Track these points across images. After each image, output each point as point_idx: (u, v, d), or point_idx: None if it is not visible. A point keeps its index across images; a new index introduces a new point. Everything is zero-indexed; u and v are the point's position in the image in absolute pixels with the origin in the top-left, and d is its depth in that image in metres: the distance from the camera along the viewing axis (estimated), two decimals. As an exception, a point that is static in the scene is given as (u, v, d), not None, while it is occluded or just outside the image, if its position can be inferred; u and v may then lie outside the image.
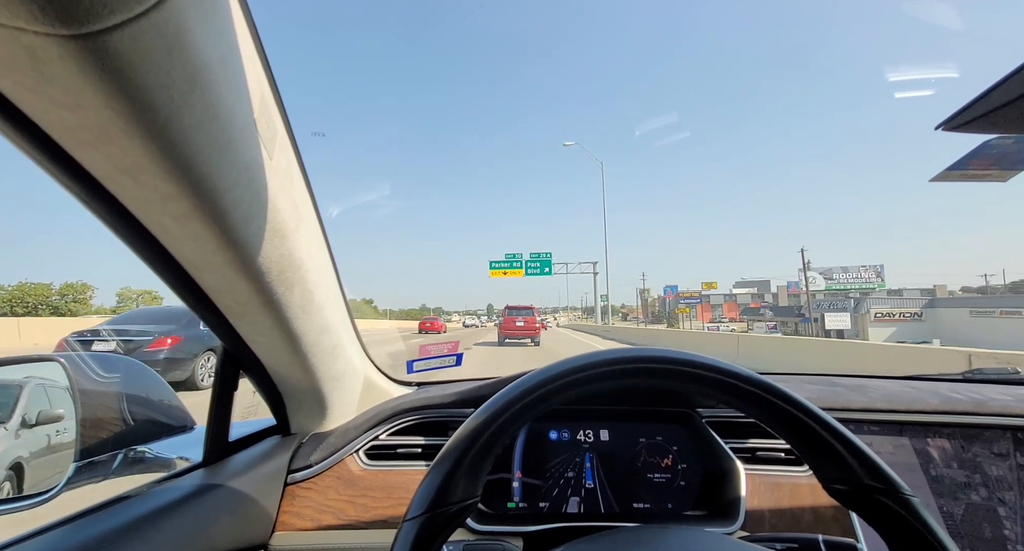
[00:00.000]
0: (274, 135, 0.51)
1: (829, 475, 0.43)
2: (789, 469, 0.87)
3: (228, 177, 0.43)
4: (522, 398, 0.43)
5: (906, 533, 0.39)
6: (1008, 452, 0.83)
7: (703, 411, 0.91)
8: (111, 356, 0.79)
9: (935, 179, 0.74)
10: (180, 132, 0.36)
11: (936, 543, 0.38)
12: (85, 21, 0.27)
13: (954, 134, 0.50)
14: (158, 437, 0.80)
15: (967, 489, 0.81)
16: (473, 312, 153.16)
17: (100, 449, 0.68)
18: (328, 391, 0.84)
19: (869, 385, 1.02)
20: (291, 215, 0.57)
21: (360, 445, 0.89)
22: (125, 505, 0.61)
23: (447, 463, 0.41)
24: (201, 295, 0.58)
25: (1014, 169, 0.70)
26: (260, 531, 0.75)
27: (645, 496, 0.86)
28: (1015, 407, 0.87)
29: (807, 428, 0.42)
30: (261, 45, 0.47)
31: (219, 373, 0.74)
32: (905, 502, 0.39)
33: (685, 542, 0.45)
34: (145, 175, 0.39)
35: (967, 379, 1.11)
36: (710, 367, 0.44)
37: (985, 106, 0.45)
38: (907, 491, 0.40)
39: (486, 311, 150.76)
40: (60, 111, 0.32)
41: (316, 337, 0.72)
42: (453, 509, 0.40)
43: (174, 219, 0.44)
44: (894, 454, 0.85)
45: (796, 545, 0.58)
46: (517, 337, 16.11)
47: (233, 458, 0.79)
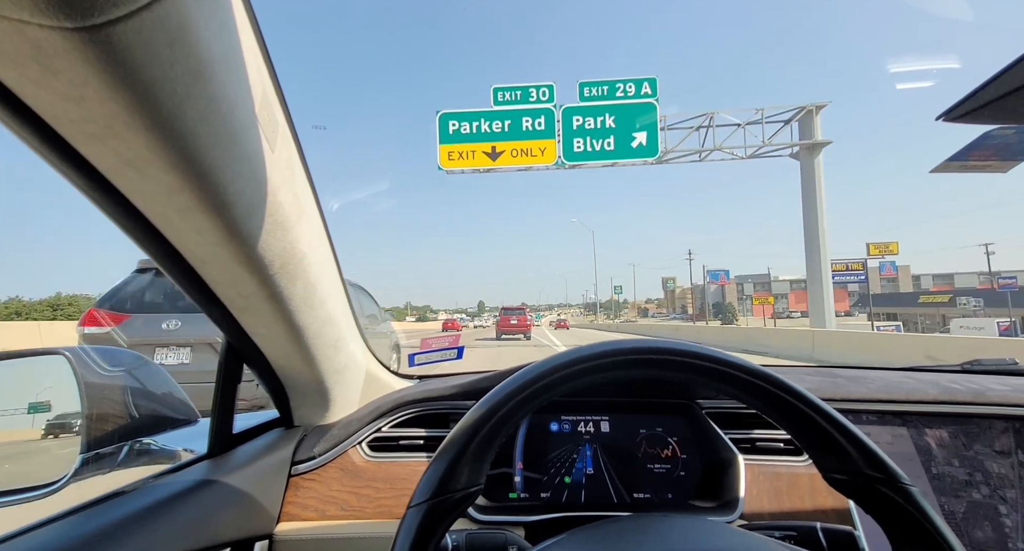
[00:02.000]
0: (276, 128, 0.51)
1: (829, 465, 0.43)
2: (788, 459, 0.88)
3: (231, 170, 0.43)
4: (524, 389, 0.43)
5: (905, 522, 0.39)
6: (1009, 450, 0.83)
7: (703, 402, 0.92)
8: (116, 350, 0.79)
9: (935, 170, 0.74)
10: (183, 125, 0.36)
11: (934, 531, 0.38)
12: (90, 14, 0.27)
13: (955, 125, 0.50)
14: (163, 429, 0.80)
15: (968, 487, 0.81)
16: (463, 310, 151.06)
17: (106, 441, 0.69)
18: (331, 384, 0.85)
19: (868, 376, 1.03)
20: (293, 208, 0.57)
21: (363, 437, 0.90)
22: (130, 497, 0.62)
23: (451, 452, 0.42)
24: (205, 288, 0.58)
25: (1014, 160, 0.70)
26: (264, 522, 0.76)
27: (646, 486, 0.87)
28: (1013, 397, 0.87)
29: (807, 418, 0.43)
30: (263, 39, 0.47)
31: (222, 366, 0.75)
32: (904, 491, 0.39)
33: (685, 530, 0.46)
34: (149, 168, 0.39)
35: (966, 370, 1.12)
36: (712, 358, 0.44)
37: (986, 97, 0.45)
38: (906, 480, 0.40)
39: (477, 309, 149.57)
40: (65, 104, 0.32)
41: (319, 330, 0.73)
42: (457, 496, 0.41)
43: (178, 212, 0.45)
44: (893, 444, 0.86)
45: (795, 533, 0.59)
46: (512, 333, 19.45)
47: (237, 450, 0.80)
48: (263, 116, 0.47)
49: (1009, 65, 0.41)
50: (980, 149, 0.67)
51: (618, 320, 31.04)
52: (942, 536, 0.38)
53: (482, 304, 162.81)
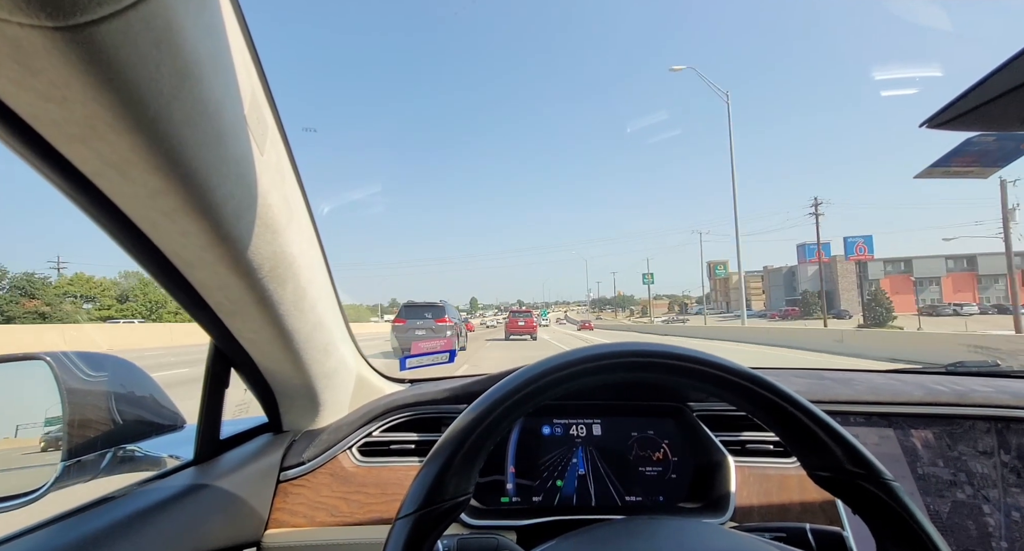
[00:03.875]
0: (265, 130, 0.51)
1: (813, 463, 0.44)
2: (778, 461, 0.88)
3: (218, 172, 0.43)
4: (514, 394, 0.43)
5: (888, 517, 0.40)
6: (992, 450, 0.85)
7: (694, 405, 0.93)
8: (98, 355, 0.77)
9: (919, 176, 0.76)
10: (169, 126, 0.36)
11: (916, 526, 0.39)
12: (72, 13, 0.26)
13: (937, 131, 0.51)
14: (148, 436, 0.79)
15: (953, 487, 0.83)
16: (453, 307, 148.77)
17: (88, 448, 0.67)
18: (321, 388, 0.84)
19: (855, 378, 1.04)
20: (282, 211, 0.57)
21: (353, 442, 0.89)
22: (115, 504, 0.61)
23: (439, 460, 0.41)
24: (191, 292, 0.57)
25: (995, 166, 0.71)
26: (252, 529, 0.75)
27: (637, 489, 0.87)
28: (996, 398, 0.89)
29: (793, 419, 0.43)
30: (251, 40, 0.47)
31: (209, 371, 0.74)
32: (885, 487, 0.40)
33: (677, 532, 0.46)
34: (133, 170, 0.38)
35: (950, 372, 1.14)
36: (702, 361, 0.44)
37: (967, 104, 0.46)
38: (887, 476, 0.41)
39: (469, 306, 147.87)
40: (46, 105, 0.32)
41: (309, 334, 0.72)
42: (446, 506, 0.40)
43: (163, 214, 0.44)
44: (879, 445, 0.87)
45: (784, 534, 0.59)
46: (519, 334, 21.16)
47: (224, 456, 0.79)
48: (252, 118, 0.47)
49: (989, 74, 0.42)
50: (962, 155, 0.68)
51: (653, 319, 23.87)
52: (923, 530, 0.39)
53: (475, 301, 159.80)
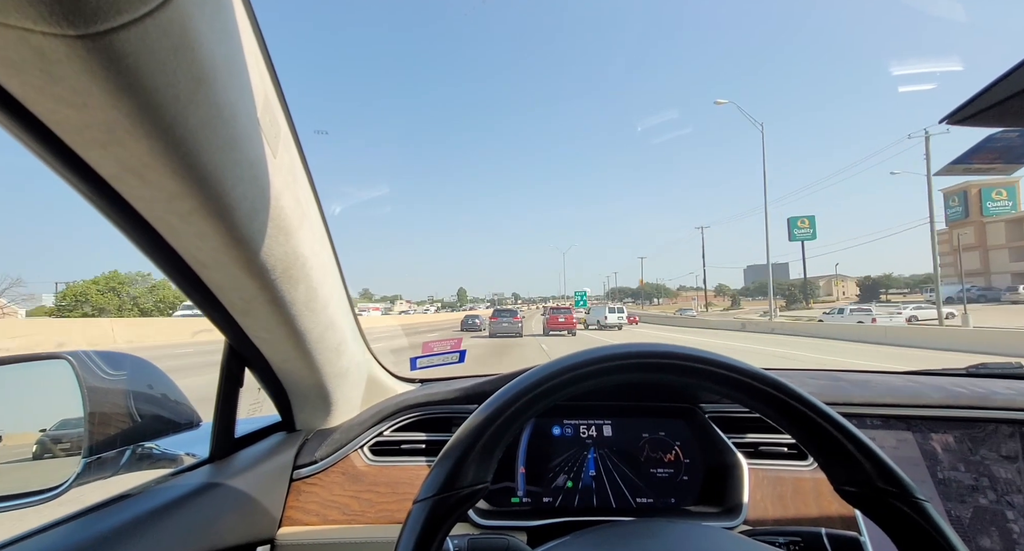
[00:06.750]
0: (278, 133, 0.51)
1: (839, 476, 0.42)
2: (792, 463, 0.87)
3: (232, 175, 0.43)
4: (528, 392, 0.43)
5: (918, 537, 0.38)
6: (1016, 455, 0.82)
7: (706, 406, 0.91)
8: (117, 354, 0.79)
9: (939, 173, 0.74)
10: (185, 131, 0.37)
11: (948, 548, 0.37)
12: (92, 21, 0.27)
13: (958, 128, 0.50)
14: (165, 434, 0.80)
15: (975, 492, 0.80)
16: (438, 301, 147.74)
17: (108, 445, 0.69)
18: (332, 388, 0.85)
19: (872, 380, 1.02)
20: (295, 212, 0.57)
21: (364, 441, 0.90)
22: (132, 501, 0.62)
23: (456, 452, 0.41)
24: (206, 292, 0.58)
25: (1018, 162, 0.69)
26: (266, 526, 0.76)
27: (648, 491, 0.86)
28: (1020, 401, 0.87)
29: (816, 426, 0.42)
30: (265, 44, 0.47)
31: (224, 370, 0.75)
32: (918, 507, 0.38)
33: (687, 537, 0.45)
34: (151, 173, 0.39)
35: (971, 374, 1.11)
36: (718, 363, 0.43)
37: (990, 99, 0.45)
38: (920, 495, 0.39)
39: (457, 298, 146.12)
40: (67, 111, 0.33)
41: (321, 334, 0.72)
42: (464, 492, 0.40)
43: (179, 217, 0.45)
44: (897, 449, 0.85)
45: (799, 539, 0.58)
46: (558, 330, 20.60)
47: (239, 454, 0.80)
48: (265, 121, 0.47)
49: (1014, 67, 0.41)
50: (984, 152, 0.66)
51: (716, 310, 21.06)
52: None
53: (463, 292, 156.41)
